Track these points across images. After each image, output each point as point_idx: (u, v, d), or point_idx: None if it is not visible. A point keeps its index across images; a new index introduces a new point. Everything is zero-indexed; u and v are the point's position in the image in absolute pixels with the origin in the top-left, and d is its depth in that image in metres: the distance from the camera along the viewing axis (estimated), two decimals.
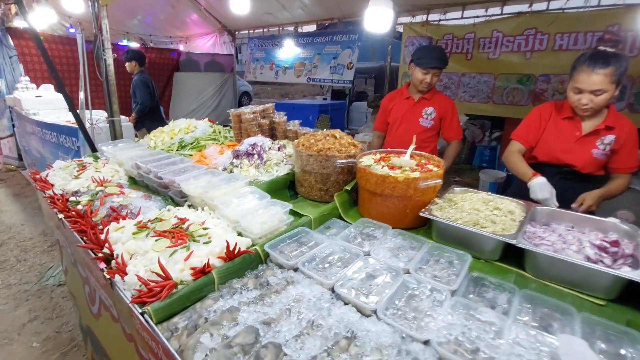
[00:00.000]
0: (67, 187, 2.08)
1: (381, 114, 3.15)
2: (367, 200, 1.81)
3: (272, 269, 1.39)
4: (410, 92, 2.98)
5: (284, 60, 9.02)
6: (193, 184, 1.88)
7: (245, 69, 9.91)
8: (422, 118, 2.91)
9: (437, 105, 2.88)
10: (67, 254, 2.16)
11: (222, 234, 1.51)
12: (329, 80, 8.32)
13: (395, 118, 3.01)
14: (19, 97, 5.98)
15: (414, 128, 2.91)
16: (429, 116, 2.89)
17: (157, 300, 1.12)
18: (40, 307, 3.10)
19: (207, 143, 2.73)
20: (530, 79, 5.59)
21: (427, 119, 2.89)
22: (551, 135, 2.20)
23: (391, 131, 3.08)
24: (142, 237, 1.46)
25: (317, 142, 1.98)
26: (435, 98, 2.90)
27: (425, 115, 2.90)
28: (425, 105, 2.90)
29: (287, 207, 1.67)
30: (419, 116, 2.92)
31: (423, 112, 2.90)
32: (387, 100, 3.11)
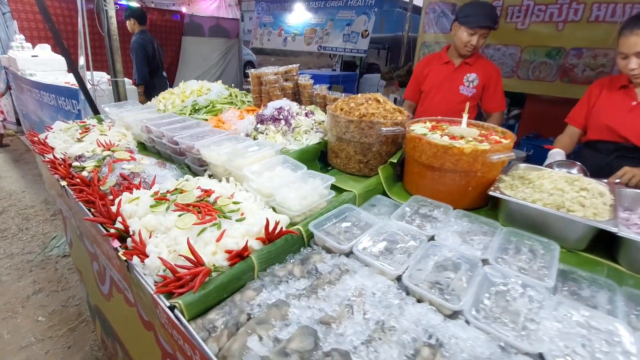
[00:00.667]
0: (69, 151, 1.83)
1: (414, 81, 2.83)
2: (419, 175, 1.55)
3: (318, 253, 1.16)
4: (450, 55, 2.64)
5: (293, 26, 8.45)
6: (215, 150, 1.62)
7: (251, 37, 9.35)
8: (463, 85, 2.59)
9: (481, 71, 2.55)
10: (71, 226, 1.94)
11: (256, 210, 1.26)
12: (342, 49, 7.82)
13: (431, 85, 2.69)
14: (14, 56, 5.59)
15: (452, 97, 2.60)
16: (470, 83, 2.57)
17: (188, 290, 0.89)
18: (45, 279, 2.94)
19: (224, 107, 2.44)
20: (560, 53, 5.16)
21: (469, 87, 2.57)
22: (602, 108, 2.02)
23: (425, 100, 2.77)
24: (161, 211, 1.22)
25: (358, 107, 1.70)
26: (479, 63, 2.57)
27: (466, 82, 2.58)
28: (468, 71, 2.57)
29: (329, 180, 1.42)
30: (459, 83, 2.60)
31: (465, 78, 2.58)
32: (421, 65, 2.78)
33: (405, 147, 1.63)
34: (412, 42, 7.28)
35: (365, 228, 1.26)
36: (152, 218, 1.17)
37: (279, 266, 1.09)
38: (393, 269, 1.03)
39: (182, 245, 1.04)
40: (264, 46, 8.73)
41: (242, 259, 1.04)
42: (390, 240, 1.19)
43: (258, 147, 1.67)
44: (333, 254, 1.15)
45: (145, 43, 4.62)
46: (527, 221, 1.30)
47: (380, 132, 1.61)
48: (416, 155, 1.51)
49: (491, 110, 2.65)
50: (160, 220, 1.16)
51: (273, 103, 2.05)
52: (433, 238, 1.20)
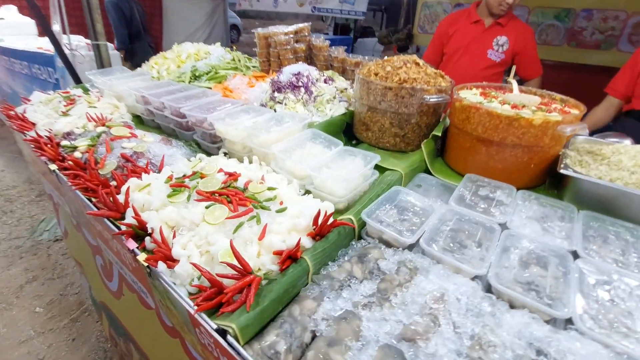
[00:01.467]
0: (55, 127, 1.55)
1: (436, 42, 2.56)
2: (470, 151, 1.36)
3: (377, 247, 0.98)
4: (479, 13, 2.37)
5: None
6: (232, 124, 1.38)
7: None
8: (491, 49, 2.34)
9: (513, 34, 2.30)
10: (65, 214, 1.70)
11: (295, 198, 1.06)
12: (338, 10, 7.28)
13: (456, 47, 2.43)
14: None
15: (478, 62, 2.37)
16: (500, 47, 2.32)
17: (238, 307, 0.70)
18: (38, 266, 2.72)
19: (228, 73, 2.15)
20: (570, 15, 4.87)
21: (498, 52, 2.33)
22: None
23: (448, 64, 2.52)
24: (182, 201, 1.00)
25: (396, 71, 1.46)
26: (512, 25, 2.31)
27: (496, 46, 2.33)
28: (499, 33, 2.31)
29: (373, 159, 1.21)
30: (487, 46, 2.35)
31: (494, 41, 2.33)
32: (446, 23, 2.50)
33: (452, 117, 1.42)
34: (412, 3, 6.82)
35: (423, 215, 1.08)
36: (173, 211, 0.95)
37: (334, 266, 0.91)
38: (473, 268, 0.86)
39: (217, 245, 0.84)
40: (253, 8, 8.09)
41: (293, 260, 0.85)
42: (457, 230, 1.01)
43: (282, 120, 1.43)
44: (394, 249, 0.97)
45: (119, 1, 4.10)
46: (601, 203, 1.14)
47: (424, 100, 1.39)
48: (469, 127, 1.31)
49: (529, 77, 2.43)
50: (183, 213, 0.95)
51: (289, 68, 1.78)
52: (506, 225, 1.03)
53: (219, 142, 1.50)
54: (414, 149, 1.56)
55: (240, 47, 10.85)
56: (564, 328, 0.77)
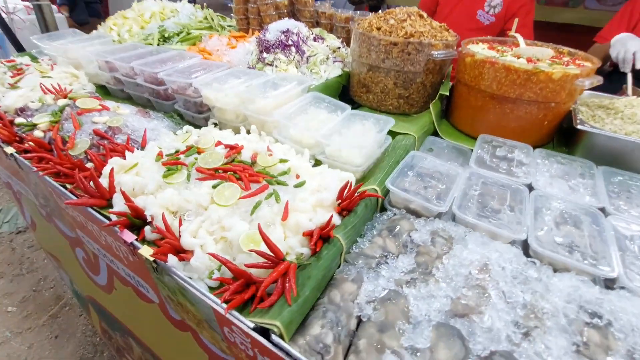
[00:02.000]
0: (4, 103, 1.29)
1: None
2: (480, 110, 1.29)
3: (406, 218, 0.90)
4: None
5: None
6: (221, 90, 1.20)
7: None
8: (482, 10, 2.20)
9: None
10: (29, 203, 1.48)
11: (310, 169, 0.95)
12: None
13: (445, 2, 2.29)
14: None
15: (466, 21, 2.24)
16: (492, 9, 2.17)
17: (276, 300, 0.61)
18: (2, 262, 2.46)
19: (202, 33, 1.90)
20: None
21: (489, 13, 2.19)
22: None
23: (440, 15, 2.37)
24: (181, 182, 0.86)
25: (400, 24, 1.32)
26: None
27: (487, 7, 2.18)
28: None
29: (387, 123, 1.11)
30: (478, 6, 2.19)
31: (487, 1, 2.18)
32: None
33: (461, 74, 1.33)
34: None
35: (446, 181, 1.01)
36: (173, 194, 0.81)
37: (365, 242, 0.83)
38: (513, 233, 0.81)
39: (234, 230, 0.73)
40: None
41: (324, 241, 0.75)
42: (485, 194, 0.95)
43: (279, 83, 1.27)
44: (424, 218, 0.90)
45: None
46: (617, 157, 1.12)
47: (431, 56, 1.28)
48: (482, 84, 1.23)
49: None
50: (186, 195, 0.81)
51: (276, 25, 1.59)
52: (531, 186, 0.99)
53: (207, 111, 1.32)
54: (417, 111, 1.47)
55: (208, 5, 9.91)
56: (605, 287, 0.75)
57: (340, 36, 1.83)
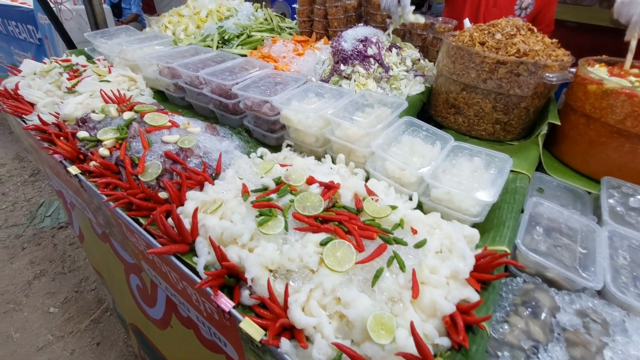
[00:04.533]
0: (63, 111, 1.20)
1: None
2: (602, 146, 1.08)
3: (541, 290, 0.73)
4: None
5: None
6: (303, 111, 1.06)
7: None
8: (511, 15, 1.90)
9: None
10: (81, 216, 1.40)
11: (424, 220, 0.79)
12: None
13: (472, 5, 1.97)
14: None
15: None
16: (522, 11, 1.90)
17: None
18: (44, 258, 2.45)
19: (263, 36, 1.77)
20: None
21: (520, 17, 1.90)
22: None
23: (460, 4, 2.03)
24: (279, 232, 0.72)
25: (510, 39, 1.13)
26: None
27: (518, 10, 1.90)
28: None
29: (505, 162, 0.94)
30: (508, 11, 1.91)
31: (517, 4, 1.90)
32: None
33: (579, 102, 1.13)
34: None
35: (581, 240, 0.83)
36: (274, 250, 0.68)
37: (505, 326, 0.67)
38: None
39: (356, 308, 0.58)
40: None
41: (469, 328, 0.60)
42: (637, 264, 0.77)
43: (367, 104, 1.11)
44: (566, 292, 0.73)
45: None
46: None
47: (545, 79, 1.09)
48: (611, 118, 1.03)
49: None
50: (289, 253, 0.67)
51: (352, 32, 1.43)
52: None
53: (279, 130, 1.19)
54: (512, 139, 1.29)
55: None
56: None
57: (415, 44, 1.64)
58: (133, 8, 5.44)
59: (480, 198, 0.80)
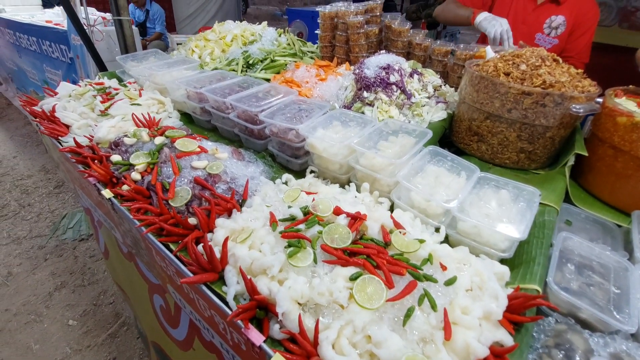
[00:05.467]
0: (97, 134, 1.26)
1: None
2: (631, 179, 1.07)
3: (574, 331, 0.71)
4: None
5: None
6: (329, 140, 1.08)
7: None
8: (541, 33, 1.85)
9: (573, 12, 1.79)
10: (108, 234, 1.44)
11: (451, 255, 0.79)
12: None
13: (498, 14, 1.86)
14: None
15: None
16: (553, 31, 1.83)
17: None
18: (65, 270, 2.50)
19: (286, 60, 1.82)
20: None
21: (550, 36, 1.84)
22: None
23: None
24: (307, 263, 0.73)
25: (535, 71, 1.14)
26: (573, 1, 1.79)
27: (547, 29, 1.84)
28: (553, 13, 1.81)
29: (533, 196, 0.93)
30: (537, 29, 1.86)
31: (546, 23, 1.83)
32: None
33: (607, 134, 1.11)
34: None
35: (614, 278, 0.81)
36: (305, 284, 0.68)
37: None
38: None
39: (388, 348, 0.58)
40: None
41: None
42: None
43: (391, 132, 1.13)
44: (600, 335, 0.71)
45: None
46: None
47: (574, 111, 1.08)
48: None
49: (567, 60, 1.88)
50: (319, 287, 0.68)
51: (375, 59, 1.46)
52: None
53: (303, 155, 1.21)
54: (538, 167, 1.27)
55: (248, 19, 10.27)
56: None
57: (436, 70, 1.66)
58: (157, 27, 5.69)
59: (510, 234, 0.79)
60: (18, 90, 5.06)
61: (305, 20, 7.23)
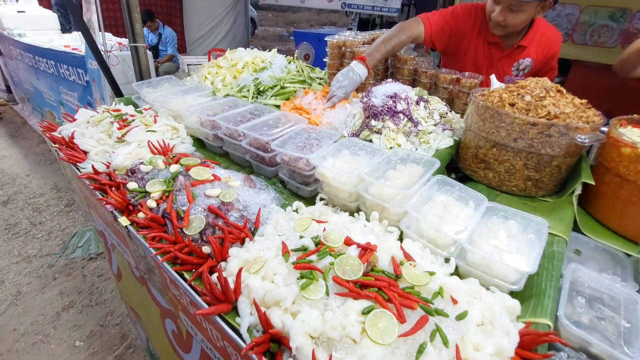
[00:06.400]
0: (114, 161, 1.30)
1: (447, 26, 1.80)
2: (638, 206, 1.08)
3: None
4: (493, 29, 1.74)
5: None
6: (339, 170, 1.11)
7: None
8: (509, 76, 1.83)
9: (539, 51, 1.79)
10: (121, 257, 1.47)
11: (461, 288, 0.80)
12: (370, 7, 6.91)
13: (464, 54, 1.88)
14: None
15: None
16: (520, 72, 1.84)
17: None
18: (73, 289, 2.52)
19: (295, 87, 1.88)
20: (625, 15, 4.45)
21: (518, 76, 1.84)
22: None
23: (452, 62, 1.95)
24: (320, 297, 0.74)
25: (540, 102, 1.17)
26: (537, 40, 1.77)
27: (515, 71, 1.84)
28: (520, 57, 1.80)
29: (542, 227, 0.94)
30: (505, 73, 1.85)
31: (514, 66, 1.84)
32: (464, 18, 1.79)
33: (613, 163, 1.13)
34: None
35: (625, 312, 0.81)
36: (318, 318, 0.70)
37: None
38: None
39: None
40: (279, 2, 7.74)
41: None
42: None
43: (399, 161, 1.16)
44: None
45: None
46: None
47: (579, 141, 1.11)
48: None
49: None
50: (331, 321, 0.69)
51: (382, 88, 1.51)
52: None
53: (313, 183, 1.24)
54: (545, 195, 1.29)
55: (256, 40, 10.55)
56: None
57: (442, 97, 1.71)
58: (169, 49, 5.90)
59: (519, 267, 0.80)
60: (34, 109, 5.23)
61: (311, 42, 7.45)
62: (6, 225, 3.15)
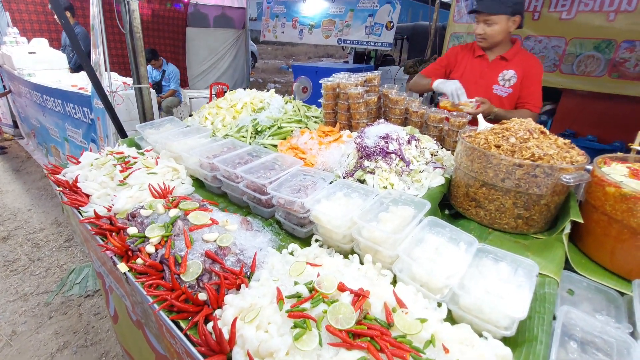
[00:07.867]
0: (115, 206, 1.34)
1: (443, 62, 2.41)
2: (625, 244, 1.10)
3: None
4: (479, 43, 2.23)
5: (309, 17, 7.81)
6: (334, 214, 1.14)
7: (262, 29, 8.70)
8: (497, 85, 2.19)
9: (521, 67, 2.15)
10: (118, 300, 1.47)
11: (452, 335, 0.81)
12: (364, 42, 7.24)
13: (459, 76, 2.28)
14: (9, 53, 4.99)
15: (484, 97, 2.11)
16: (506, 82, 2.18)
17: None
18: (69, 329, 2.48)
19: (292, 127, 1.95)
20: (610, 46, 4.68)
21: (504, 86, 2.18)
22: None
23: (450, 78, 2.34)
24: (313, 347, 0.75)
25: (524, 144, 1.23)
26: (520, 58, 2.17)
27: (502, 80, 2.19)
28: (504, 68, 2.17)
29: (532, 270, 0.96)
30: (493, 82, 2.21)
31: (500, 76, 2.19)
32: (455, 50, 2.38)
33: (599, 202, 1.16)
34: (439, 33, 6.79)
35: (615, 353, 0.81)
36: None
37: None
38: None
39: None
40: (278, 39, 8.11)
41: None
42: None
43: (392, 204, 1.19)
44: None
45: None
46: None
47: (563, 180, 1.15)
48: (634, 221, 1.05)
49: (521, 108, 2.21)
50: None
51: (374, 129, 1.57)
52: None
53: (308, 224, 1.27)
54: (536, 232, 1.31)
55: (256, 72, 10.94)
56: None
57: (432, 135, 1.77)
58: (172, 85, 6.12)
59: (510, 314, 0.82)
60: (39, 144, 5.35)
61: (309, 75, 7.73)
62: (5, 261, 3.14)
